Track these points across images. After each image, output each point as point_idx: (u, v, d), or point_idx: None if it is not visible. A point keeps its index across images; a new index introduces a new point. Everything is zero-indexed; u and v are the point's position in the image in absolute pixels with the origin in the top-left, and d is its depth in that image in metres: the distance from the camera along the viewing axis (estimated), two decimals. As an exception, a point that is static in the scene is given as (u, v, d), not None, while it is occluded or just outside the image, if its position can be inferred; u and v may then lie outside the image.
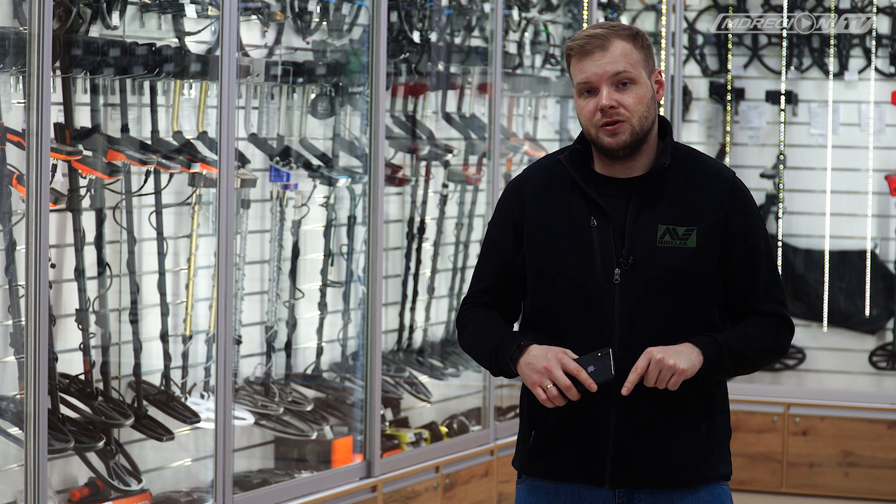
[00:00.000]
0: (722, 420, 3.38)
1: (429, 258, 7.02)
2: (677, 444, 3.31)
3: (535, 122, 7.83)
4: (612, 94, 3.27)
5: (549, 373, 3.22)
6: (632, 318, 3.26)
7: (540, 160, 3.47)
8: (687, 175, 3.34)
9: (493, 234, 3.45)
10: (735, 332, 3.33)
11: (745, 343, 3.32)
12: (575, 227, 3.31)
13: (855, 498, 8.03)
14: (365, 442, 6.15)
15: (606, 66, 3.26)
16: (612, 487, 3.32)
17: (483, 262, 3.47)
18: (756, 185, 8.36)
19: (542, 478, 3.39)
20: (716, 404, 3.36)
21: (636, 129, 3.28)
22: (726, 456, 3.40)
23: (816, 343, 8.39)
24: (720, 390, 3.38)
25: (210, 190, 5.48)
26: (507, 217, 3.42)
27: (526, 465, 3.42)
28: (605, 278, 3.28)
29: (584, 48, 3.28)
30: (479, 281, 3.47)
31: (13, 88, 4.76)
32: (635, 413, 3.28)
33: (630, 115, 3.27)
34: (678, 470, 3.32)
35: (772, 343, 3.37)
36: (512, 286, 3.43)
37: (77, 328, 5.12)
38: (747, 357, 3.33)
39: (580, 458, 3.32)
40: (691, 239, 3.29)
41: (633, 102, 3.28)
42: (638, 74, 3.28)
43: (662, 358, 3.21)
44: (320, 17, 6.19)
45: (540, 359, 3.24)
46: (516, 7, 7.57)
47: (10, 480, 4.77)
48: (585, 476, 3.32)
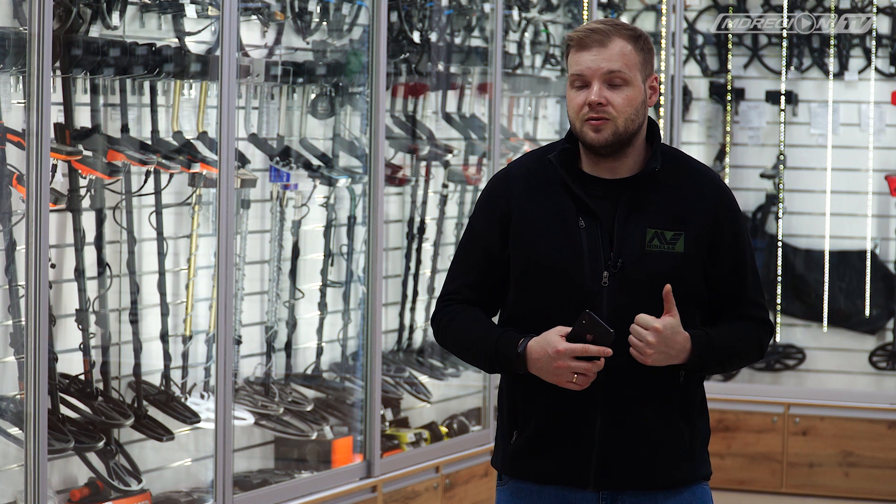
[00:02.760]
0: (702, 421, 3.39)
1: (429, 258, 7.02)
2: (661, 446, 3.31)
3: (535, 122, 7.83)
4: (602, 92, 3.26)
5: (566, 369, 3.20)
6: (618, 321, 3.24)
7: (526, 155, 3.45)
8: (675, 179, 3.33)
9: (476, 226, 3.41)
10: (724, 332, 3.33)
11: (733, 344, 3.34)
12: (563, 227, 3.30)
13: (855, 498, 8.03)
14: (365, 442, 6.15)
15: (602, 63, 3.26)
16: (595, 489, 3.31)
17: (464, 255, 3.42)
18: (756, 185, 8.37)
19: (526, 480, 3.38)
20: (696, 406, 3.37)
21: (620, 130, 3.27)
22: (706, 456, 3.42)
23: (816, 343, 8.39)
24: (700, 392, 3.40)
25: (210, 190, 5.48)
26: (492, 210, 3.38)
27: (508, 467, 3.41)
28: (593, 280, 3.27)
29: (584, 41, 3.28)
30: (459, 275, 3.42)
31: (13, 88, 4.76)
32: (619, 415, 3.28)
33: (617, 115, 3.26)
34: (662, 471, 3.32)
35: (755, 346, 3.40)
36: (494, 281, 3.39)
37: (77, 328, 5.12)
38: (731, 358, 3.36)
39: (564, 460, 3.31)
40: (679, 244, 3.29)
41: (622, 103, 3.26)
42: (632, 76, 3.27)
43: (652, 342, 3.20)
44: (320, 17, 6.19)
45: (545, 361, 3.23)
46: (516, 7, 7.57)
47: (10, 480, 4.77)
48: (569, 478, 3.32)
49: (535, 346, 3.24)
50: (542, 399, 3.31)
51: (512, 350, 3.28)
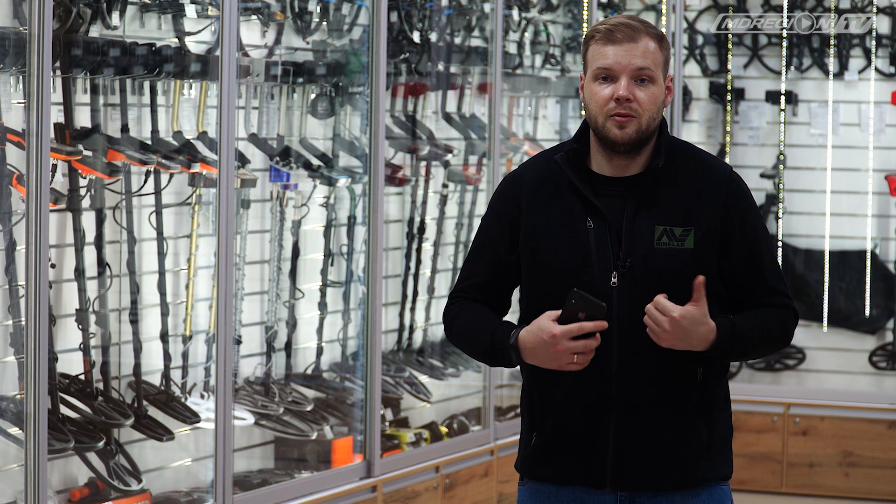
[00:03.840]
0: (723, 417, 3.35)
1: (429, 258, 7.02)
2: (678, 446, 3.29)
3: (535, 122, 7.83)
4: (630, 87, 3.23)
5: (564, 352, 3.17)
6: (630, 320, 3.23)
7: (534, 157, 3.43)
8: (684, 173, 3.31)
9: (486, 230, 3.41)
10: (749, 320, 3.29)
11: (759, 331, 3.29)
12: (572, 229, 3.29)
13: (855, 498, 8.03)
14: (365, 442, 6.15)
15: (633, 59, 3.23)
16: (613, 490, 3.30)
17: (475, 257, 3.43)
18: (756, 185, 8.36)
19: (544, 481, 3.37)
20: (717, 402, 3.34)
21: (643, 127, 3.25)
22: (728, 455, 3.38)
23: (816, 343, 8.39)
24: (722, 388, 3.36)
25: (210, 190, 5.48)
26: (501, 214, 3.38)
27: (527, 469, 3.40)
28: (603, 281, 3.25)
29: (613, 34, 3.25)
30: (469, 276, 3.43)
31: (13, 88, 4.75)
32: (635, 415, 3.26)
33: (642, 112, 3.24)
34: (679, 471, 3.30)
35: (780, 331, 3.34)
36: (504, 283, 3.40)
37: (77, 328, 5.12)
38: (757, 345, 3.31)
39: (581, 462, 3.30)
40: (689, 240, 3.26)
41: (648, 101, 3.25)
42: (657, 75, 3.26)
43: (667, 329, 3.16)
44: (320, 17, 6.19)
45: (540, 349, 3.19)
46: (516, 7, 7.57)
47: (10, 480, 4.77)
48: (587, 479, 3.31)
49: (526, 335, 3.22)
50: (557, 400, 3.30)
51: (505, 342, 3.27)
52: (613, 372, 3.25)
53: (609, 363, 3.25)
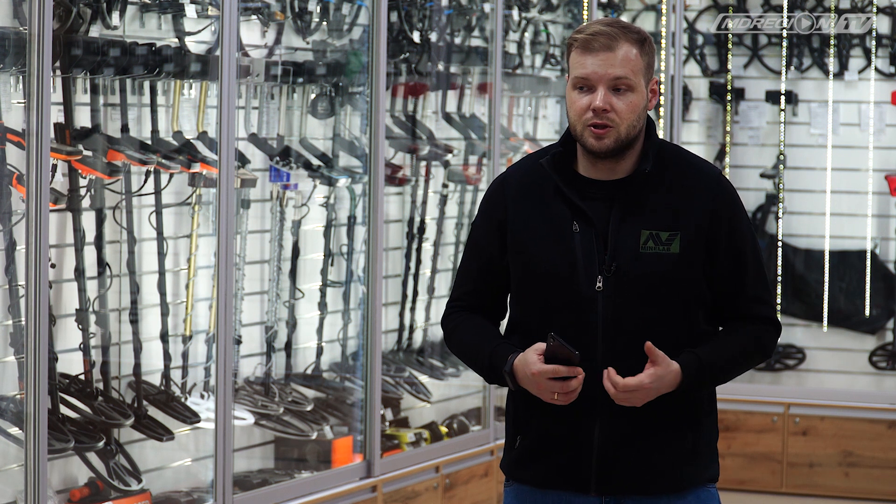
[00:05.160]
0: (709, 422, 3.35)
1: (429, 258, 7.02)
2: (663, 451, 3.28)
3: (535, 122, 7.83)
4: (607, 97, 3.21)
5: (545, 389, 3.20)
6: (615, 325, 3.24)
7: (522, 160, 3.43)
8: (671, 177, 3.30)
9: (476, 235, 3.42)
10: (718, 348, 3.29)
11: (728, 357, 3.29)
12: (557, 233, 3.28)
13: (855, 498, 8.03)
14: (365, 442, 6.15)
15: (608, 69, 3.21)
16: (597, 494, 3.29)
17: (467, 263, 3.44)
18: (756, 185, 8.37)
19: (528, 484, 3.37)
20: (703, 407, 3.33)
21: (622, 136, 3.24)
22: (714, 457, 3.37)
23: (816, 343, 8.39)
24: (707, 393, 3.35)
25: (210, 190, 5.48)
26: (490, 218, 3.38)
27: (511, 471, 3.40)
28: (588, 286, 3.25)
29: (590, 43, 3.22)
30: (463, 283, 3.44)
31: (13, 88, 4.76)
32: (619, 421, 3.26)
33: (619, 121, 3.22)
34: (664, 476, 3.29)
35: (754, 347, 3.34)
36: (497, 287, 3.40)
37: (77, 328, 5.12)
38: (729, 371, 3.31)
39: (565, 466, 3.30)
40: (675, 244, 3.25)
41: (626, 110, 3.23)
42: (636, 82, 3.23)
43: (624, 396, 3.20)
44: (320, 17, 6.19)
45: (529, 381, 3.23)
46: (516, 7, 7.57)
47: (10, 480, 4.77)
48: (571, 483, 3.30)
49: (518, 364, 3.25)
50: (540, 405, 3.29)
51: (500, 368, 3.29)
52: (598, 376, 3.24)
53: (594, 367, 3.24)
